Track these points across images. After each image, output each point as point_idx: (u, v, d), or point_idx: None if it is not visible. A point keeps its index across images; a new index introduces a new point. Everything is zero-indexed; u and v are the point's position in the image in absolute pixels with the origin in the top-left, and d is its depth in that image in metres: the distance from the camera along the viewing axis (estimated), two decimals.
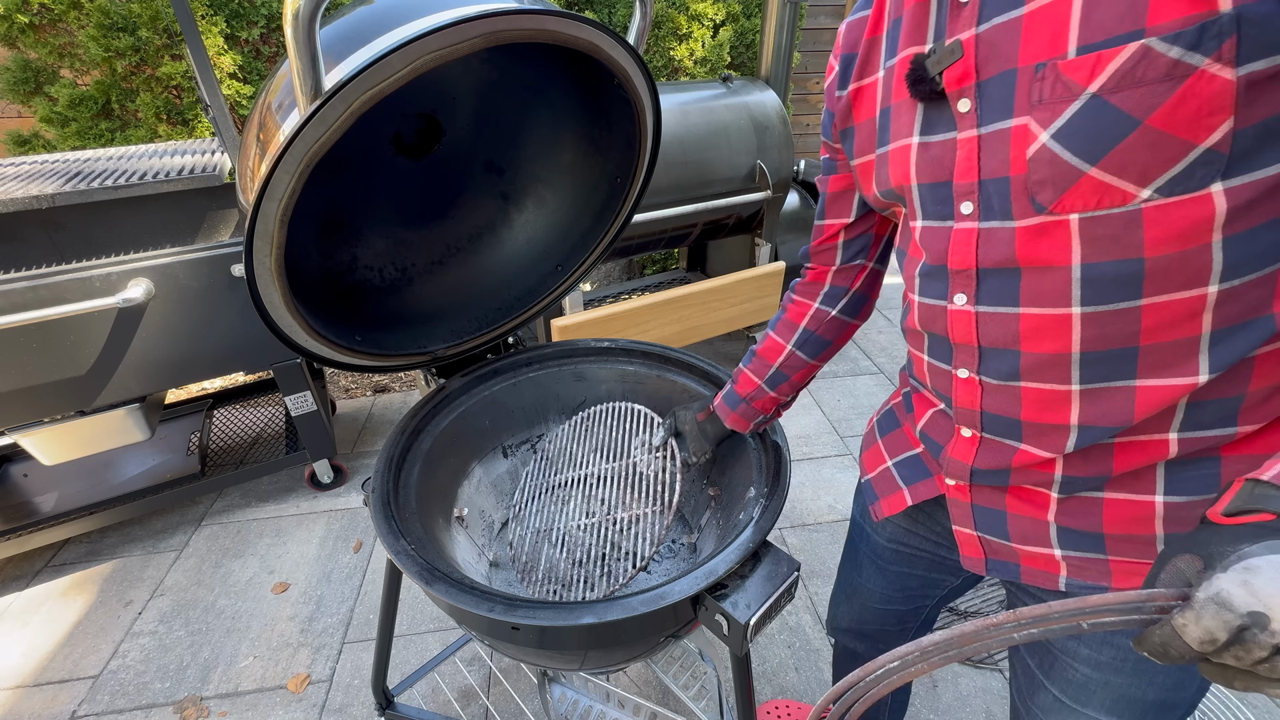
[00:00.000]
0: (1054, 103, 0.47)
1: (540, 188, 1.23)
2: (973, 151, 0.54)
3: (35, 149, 2.49)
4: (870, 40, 0.65)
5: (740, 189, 2.39)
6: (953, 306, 0.61)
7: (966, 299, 0.59)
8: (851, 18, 0.68)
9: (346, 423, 2.57)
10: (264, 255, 0.78)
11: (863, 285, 0.86)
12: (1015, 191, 0.52)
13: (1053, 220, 0.50)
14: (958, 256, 0.58)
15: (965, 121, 0.54)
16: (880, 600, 0.94)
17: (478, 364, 1.22)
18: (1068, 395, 0.56)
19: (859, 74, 0.66)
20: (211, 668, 1.58)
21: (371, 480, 0.93)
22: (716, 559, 0.77)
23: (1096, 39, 0.44)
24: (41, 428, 1.60)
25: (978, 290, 0.58)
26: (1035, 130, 0.49)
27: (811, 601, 1.74)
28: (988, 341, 0.59)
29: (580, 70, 1.00)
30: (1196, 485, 0.57)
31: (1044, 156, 0.49)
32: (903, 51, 0.59)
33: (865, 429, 0.92)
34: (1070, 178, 0.48)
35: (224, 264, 1.62)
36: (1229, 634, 0.37)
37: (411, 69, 0.70)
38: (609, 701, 1.34)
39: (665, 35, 3.02)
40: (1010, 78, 0.50)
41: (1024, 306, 0.55)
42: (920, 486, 0.76)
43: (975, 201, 0.55)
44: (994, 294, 0.57)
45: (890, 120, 0.63)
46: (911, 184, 0.61)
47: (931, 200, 0.60)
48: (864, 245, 0.83)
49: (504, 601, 0.72)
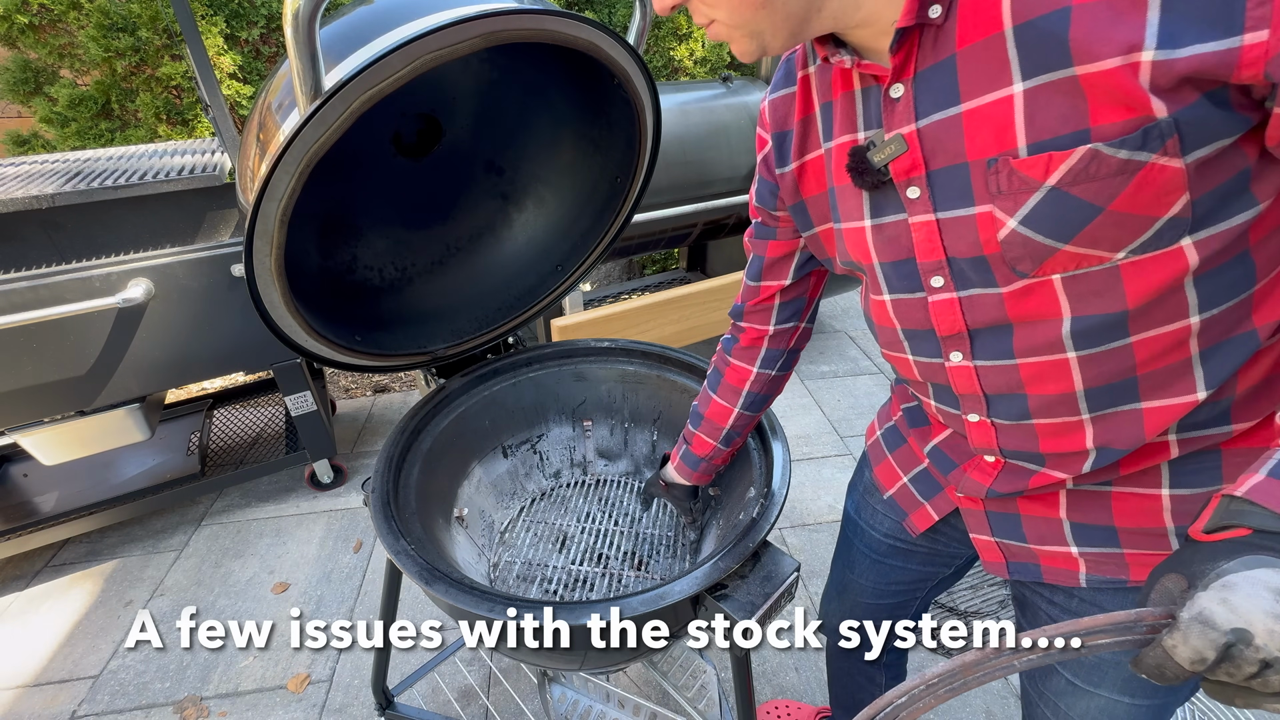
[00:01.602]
0: (1014, 194, 0.48)
1: (540, 188, 1.23)
2: (933, 233, 0.55)
3: (35, 149, 2.49)
4: (804, 120, 0.65)
5: (740, 189, 2.39)
6: (950, 364, 0.62)
7: (963, 356, 0.60)
8: (774, 95, 0.67)
9: (346, 423, 2.57)
10: (264, 255, 0.78)
11: (796, 343, 0.88)
12: (994, 264, 0.52)
13: (1037, 282, 0.51)
14: (944, 323, 0.59)
15: (917, 207, 0.55)
16: (872, 595, 0.95)
17: (478, 364, 1.22)
18: (1080, 423, 0.57)
19: (798, 151, 0.66)
20: (211, 668, 1.57)
21: (371, 480, 0.93)
22: (716, 559, 0.77)
23: (1044, 138, 0.45)
24: (41, 428, 1.60)
25: (973, 347, 0.59)
26: (1001, 217, 0.49)
27: (812, 601, 1.74)
28: (993, 389, 0.60)
29: (580, 70, 1.00)
30: (1200, 479, 0.58)
31: (1016, 239, 0.49)
32: (838, 138, 0.59)
33: (868, 437, 0.93)
34: (1046, 253, 0.49)
35: (224, 264, 1.62)
36: (1217, 652, 0.37)
37: (411, 69, 0.70)
38: (609, 701, 1.34)
39: (665, 35, 3.02)
40: (962, 170, 0.50)
41: (1020, 357, 0.56)
42: (938, 502, 0.78)
43: (946, 275, 0.56)
44: (989, 349, 0.58)
45: (838, 200, 0.63)
46: (873, 262, 0.62)
47: (896, 276, 0.61)
48: (798, 308, 0.84)
49: (504, 601, 0.72)
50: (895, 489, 0.84)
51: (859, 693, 1.12)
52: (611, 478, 1.30)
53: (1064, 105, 0.43)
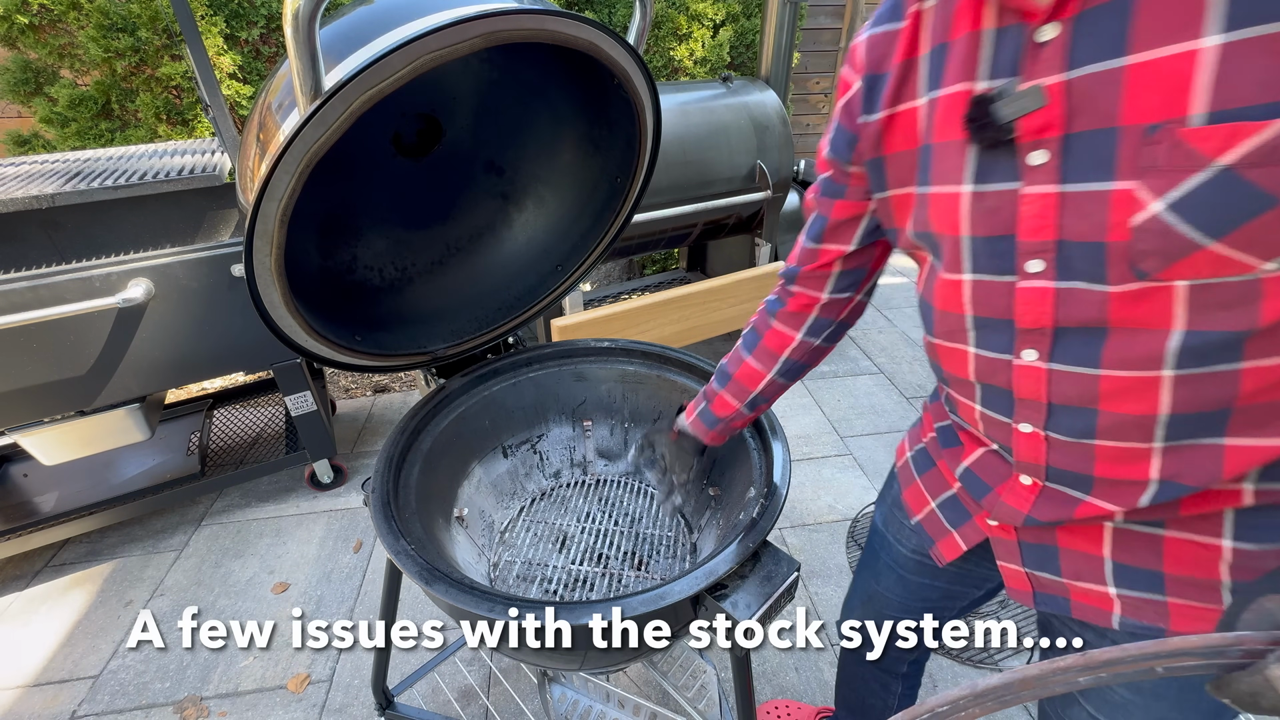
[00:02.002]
0: (1171, 171, 0.41)
1: (540, 188, 1.23)
2: (1049, 209, 0.47)
3: (35, 149, 2.49)
4: (905, 63, 0.56)
5: (740, 189, 2.39)
6: (1020, 362, 0.55)
7: (1038, 356, 0.53)
8: (874, 30, 0.59)
9: (346, 423, 2.57)
10: (264, 255, 0.78)
11: (848, 316, 0.82)
12: (1112, 258, 0.45)
13: (1155, 286, 0.44)
14: (1029, 315, 0.52)
15: (1037, 175, 0.47)
16: (897, 609, 0.92)
17: (478, 364, 1.22)
18: (1148, 451, 0.51)
19: (893, 98, 0.58)
20: (211, 668, 1.57)
21: (371, 480, 0.93)
22: (716, 559, 0.77)
23: (1231, 105, 0.38)
24: (41, 428, 1.60)
25: (1053, 347, 0.52)
26: (1144, 198, 0.42)
27: (812, 601, 1.73)
28: (1060, 399, 0.54)
29: (580, 70, 1.00)
30: (1270, 534, 0.52)
31: (1154, 227, 0.42)
32: (950, 86, 0.51)
33: (898, 458, 0.88)
34: (1184, 250, 0.42)
35: (224, 264, 1.62)
36: None
37: (411, 69, 0.70)
38: (609, 701, 1.34)
39: (665, 35, 3.02)
40: (1109, 137, 0.43)
41: (1106, 368, 0.49)
42: (967, 530, 0.73)
43: (1049, 260, 0.49)
44: (1072, 353, 0.51)
45: (932, 160, 0.55)
46: (960, 235, 0.54)
47: (986, 254, 0.53)
48: (857, 278, 0.77)
49: (504, 601, 0.72)
50: (923, 514, 0.80)
51: (870, 698, 1.09)
52: (611, 478, 1.30)
53: (1269, 68, 0.36)
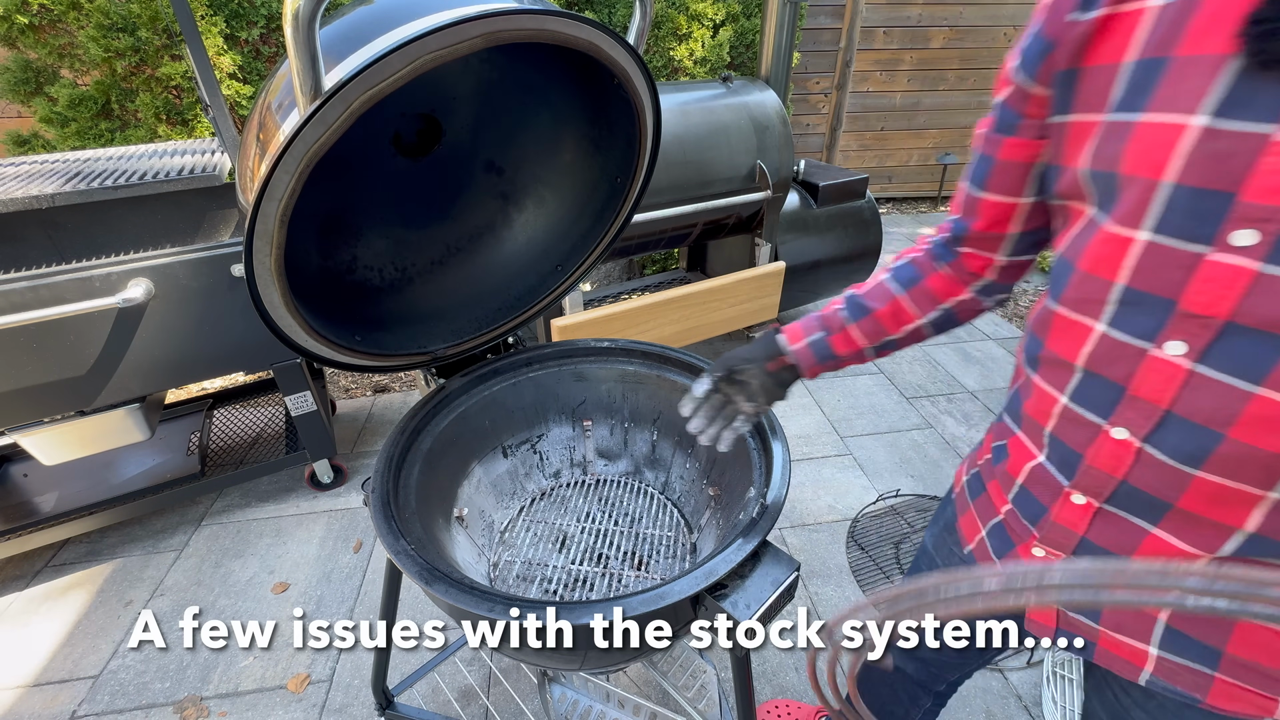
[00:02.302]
0: None
1: (540, 188, 1.23)
2: None
3: (35, 149, 2.49)
4: None
5: (740, 189, 2.39)
6: (1158, 353, 0.46)
7: (1186, 350, 0.45)
8: None
9: (346, 423, 2.57)
10: (264, 255, 0.78)
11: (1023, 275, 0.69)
12: None
13: None
14: (1203, 298, 0.43)
15: None
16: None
17: (478, 364, 1.22)
18: (1256, 499, 0.45)
19: None
20: (211, 667, 1.58)
21: (371, 480, 0.93)
22: (716, 559, 0.77)
23: None
24: (41, 428, 1.60)
25: (1210, 345, 0.43)
26: None
27: (812, 601, 1.73)
28: (1185, 410, 0.45)
29: (580, 70, 1.00)
30: None
31: None
32: None
33: (955, 484, 0.82)
34: None
35: (224, 264, 1.62)
36: None
37: (411, 69, 0.70)
38: (609, 701, 1.34)
39: (665, 35, 3.02)
40: None
41: (1268, 387, 0.41)
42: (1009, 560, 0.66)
43: (1268, 233, 0.39)
44: (1231, 358, 0.43)
45: (1162, 78, 0.43)
46: (1162, 180, 0.43)
47: (1185, 213, 0.42)
48: (1041, 239, 0.63)
49: (504, 601, 0.72)
50: (974, 544, 0.74)
51: (892, 704, 1.05)
52: (611, 478, 1.30)
53: None
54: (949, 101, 4.62)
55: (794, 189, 2.78)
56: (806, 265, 2.79)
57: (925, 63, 4.45)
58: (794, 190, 2.77)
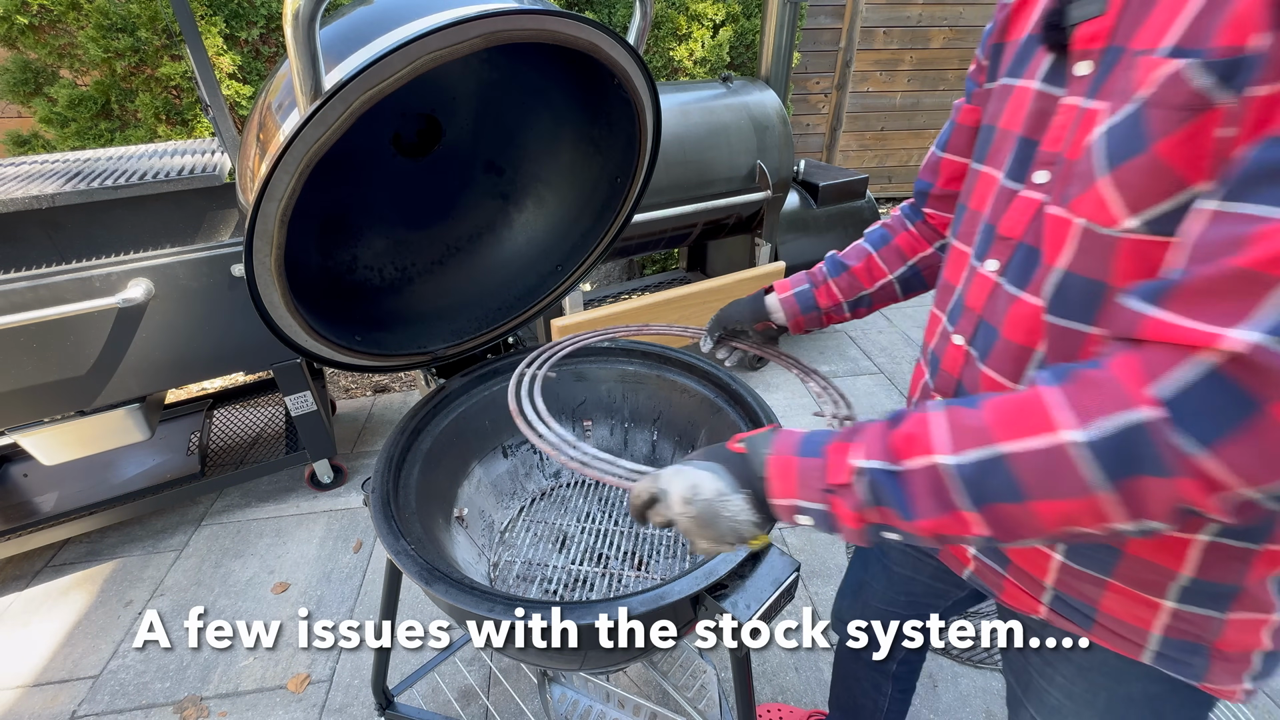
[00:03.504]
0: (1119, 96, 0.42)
1: (540, 188, 1.23)
2: (1068, 121, 0.49)
3: (35, 149, 2.49)
4: None
5: (740, 189, 2.39)
6: (982, 270, 0.58)
7: (998, 266, 0.56)
8: None
9: (346, 423, 2.57)
10: (264, 255, 0.78)
11: None
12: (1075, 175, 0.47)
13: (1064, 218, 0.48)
14: (1009, 222, 0.55)
15: (1077, 86, 0.48)
16: (883, 600, 0.94)
17: (478, 364, 1.22)
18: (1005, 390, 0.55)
19: None
20: (211, 668, 1.57)
21: (371, 480, 0.93)
22: (716, 558, 0.77)
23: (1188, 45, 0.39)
24: (41, 428, 1.60)
25: (1009, 261, 0.55)
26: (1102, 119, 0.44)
27: (812, 601, 1.73)
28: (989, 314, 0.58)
29: (580, 70, 1.00)
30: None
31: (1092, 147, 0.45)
32: None
33: None
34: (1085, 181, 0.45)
35: (224, 264, 1.62)
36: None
37: (411, 69, 0.70)
38: (609, 701, 1.34)
39: (665, 35, 3.02)
40: (1115, 57, 0.45)
41: (1027, 292, 0.53)
42: None
43: (1054, 173, 0.50)
44: (1013, 270, 0.55)
45: (1024, 50, 0.56)
46: (1017, 132, 0.55)
47: (1016, 157, 0.55)
48: None
49: (504, 601, 0.72)
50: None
51: (861, 697, 1.11)
52: None
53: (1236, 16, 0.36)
54: (949, 101, 4.61)
55: (794, 189, 2.78)
56: (806, 265, 2.76)
57: (925, 63, 4.45)
58: (794, 190, 2.77)
